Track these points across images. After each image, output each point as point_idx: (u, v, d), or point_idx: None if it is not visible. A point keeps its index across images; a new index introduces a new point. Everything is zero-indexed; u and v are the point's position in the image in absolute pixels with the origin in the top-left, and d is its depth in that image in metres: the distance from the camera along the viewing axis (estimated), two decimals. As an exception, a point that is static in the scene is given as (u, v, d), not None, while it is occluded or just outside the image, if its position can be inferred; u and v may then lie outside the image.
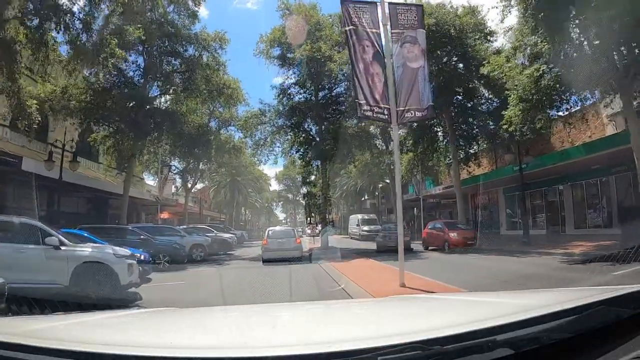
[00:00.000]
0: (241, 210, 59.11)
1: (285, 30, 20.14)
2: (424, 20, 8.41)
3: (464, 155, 21.48)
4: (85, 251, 7.47)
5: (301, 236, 20.97)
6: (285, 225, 57.05)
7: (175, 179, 35.10)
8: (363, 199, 47.76)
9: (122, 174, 20.95)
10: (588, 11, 10.61)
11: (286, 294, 7.53)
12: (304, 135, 21.88)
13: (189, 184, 33.34)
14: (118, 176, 22.23)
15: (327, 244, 20.76)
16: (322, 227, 23.53)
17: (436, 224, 19.09)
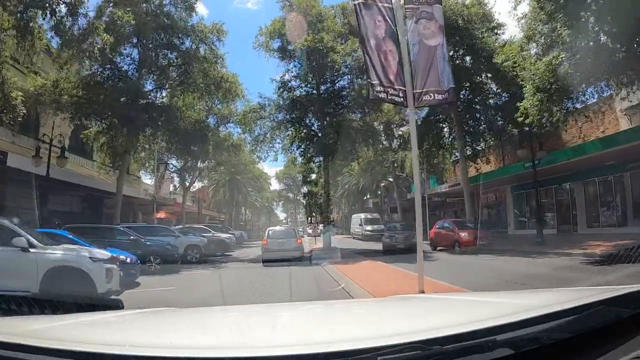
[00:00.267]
0: (241, 210, 59.18)
1: (285, 22, 20.06)
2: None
3: (471, 152, 21.42)
4: (56, 254, 6.84)
5: (302, 236, 20.87)
6: (286, 225, 57.19)
7: (173, 177, 35.16)
8: (365, 198, 47.74)
9: (116, 172, 20.81)
10: None
11: (287, 297, 7.51)
12: (305, 130, 21.70)
13: (187, 183, 33.41)
14: (112, 174, 22.20)
15: (329, 244, 20.58)
16: (324, 227, 23.40)
17: (444, 223, 18.85)
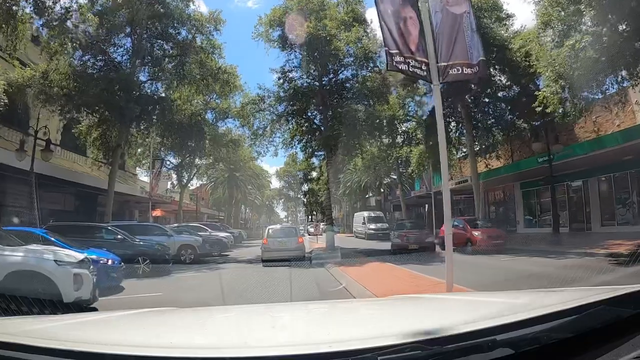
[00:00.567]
0: (240, 208, 59.28)
1: (286, 10, 19.95)
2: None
3: (479, 148, 21.37)
4: (16, 257, 6.14)
5: (303, 235, 20.76)
6: (287, 223, 57.26)
7: (170, 174, 35.14)
8: (367, 196, 47.70)
9: (108, 168, 20.70)
10: None
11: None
12: (306, 124, 21.52)
13: (184, 180, 33.46)
14: (106, 171, 22.17)
15: (333, 244, 20.13)
16: (326, 226, 23.07)
17: (455, 222, 18.32)
